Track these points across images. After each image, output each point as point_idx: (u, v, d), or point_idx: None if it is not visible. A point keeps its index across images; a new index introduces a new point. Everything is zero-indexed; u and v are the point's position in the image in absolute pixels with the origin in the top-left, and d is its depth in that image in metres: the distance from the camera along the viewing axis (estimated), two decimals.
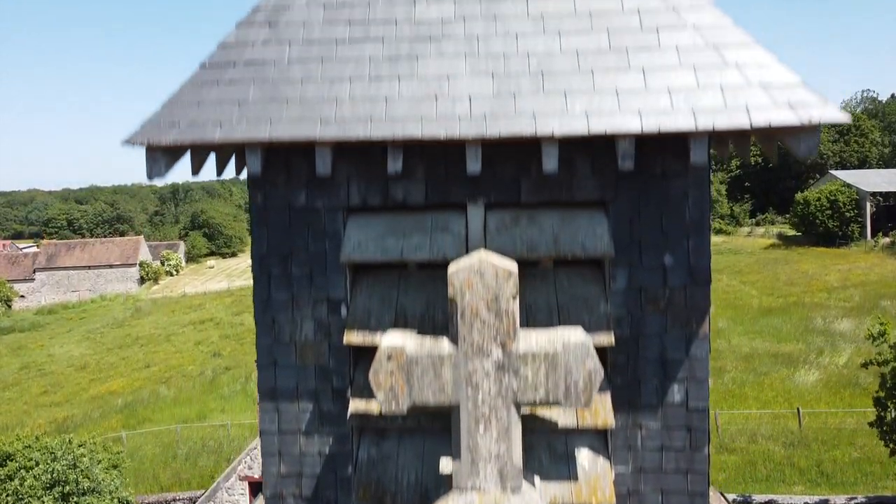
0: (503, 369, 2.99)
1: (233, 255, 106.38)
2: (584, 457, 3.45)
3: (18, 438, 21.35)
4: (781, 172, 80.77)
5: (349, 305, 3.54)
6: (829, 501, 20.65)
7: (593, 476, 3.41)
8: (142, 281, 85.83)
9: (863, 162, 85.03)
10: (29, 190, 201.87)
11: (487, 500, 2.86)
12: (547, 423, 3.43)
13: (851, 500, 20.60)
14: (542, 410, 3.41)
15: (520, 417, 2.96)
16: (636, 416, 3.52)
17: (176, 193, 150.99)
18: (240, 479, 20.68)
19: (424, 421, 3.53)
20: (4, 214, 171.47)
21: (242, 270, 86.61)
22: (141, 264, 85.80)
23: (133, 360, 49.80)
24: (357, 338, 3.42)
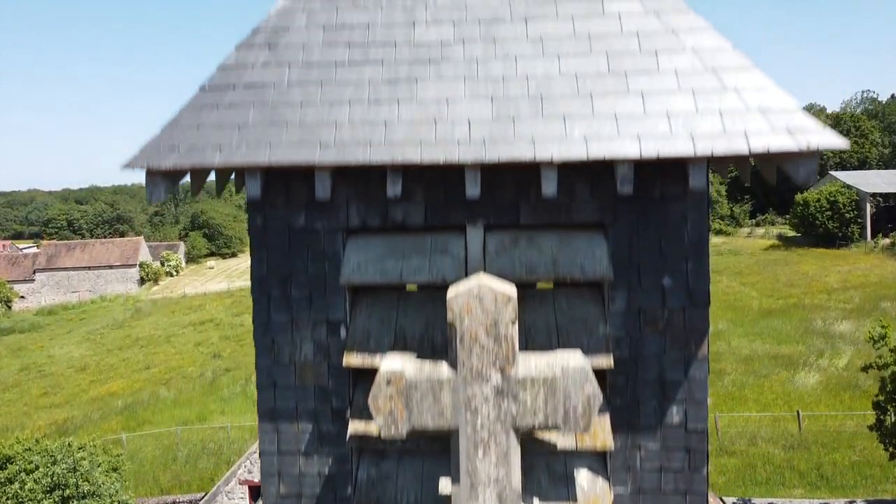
0: (502, 394, 2.99)
1: (233, 256, 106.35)
2: (584, 478, 3.46)
3: (18, 441, 21.36)
4: (781, 173, 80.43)
5: (348, 327, 3.55)
6: None
7: (592, 497, 3.42)
8: (142, 282, 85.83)
9: (863, 163, 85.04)
10: (29, 190, 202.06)
11: None
12: (546, 446, 3.44)
13: None
14: (542, 433, 3.42)
15: (519, 442, 2.97)
16: (635, 437, 3.53)
17: (176, 194, 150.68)
18: (240, 484, 20.68)
19: (424, 442, 3.53)
20: (4, 215, 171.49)
21: (242, 271, 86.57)
22: (141, 265, 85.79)
23: (133, 362, 49.80)
24: (356, 360, 3.43)
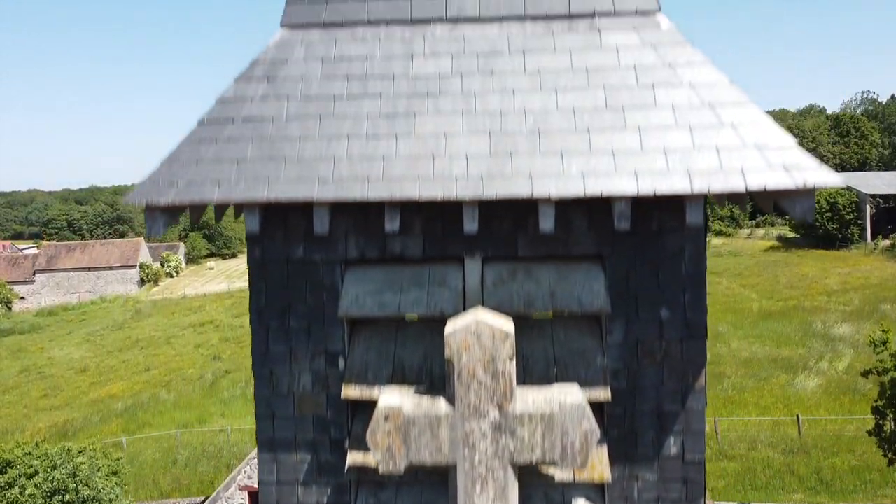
0: (500, 430, 3.01)
1: (233, 257, 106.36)
2: None
3: (18, 445, 21.39)
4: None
5: (347, 358, 3.56)
6: None
7: None
8: (142, 282, 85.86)
9: (863, 163, 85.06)
10: (29, 190, 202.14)
11: None
12: (544, 477, 3.45)
13: None
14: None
15: (516, 477, 2.99)
16: (633, 468, 3.54)
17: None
18: (239, 489, 20.69)
19: (422, 473, 3.54)
20: (4, 215, 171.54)
21: (242, 272, 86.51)
22: (141, 266, 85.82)
23: (133, 363, 49.83)
24: (355, 392, 3.44)
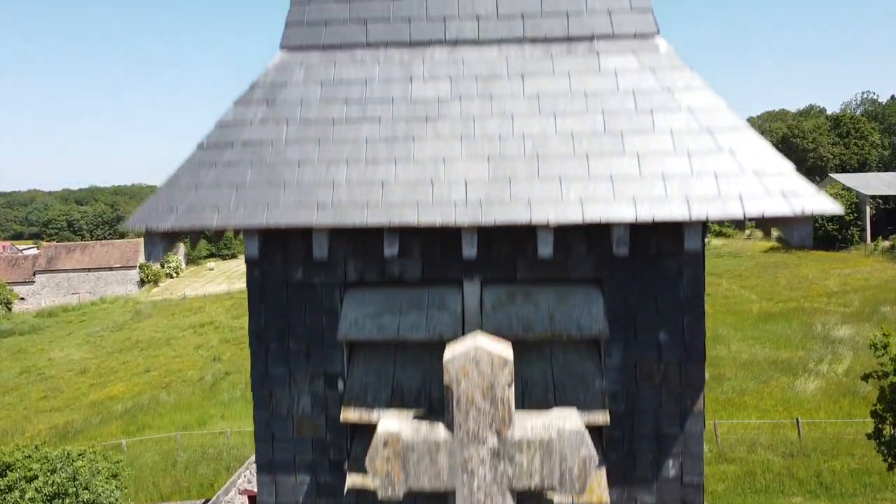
0: (498, 456, 3.02)
1: (233, 257, 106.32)
2: None
3: (18, 448, 21.40)
4: None
5: (346, 380, 3.57)
6: None
7: None
8: (142, 283, 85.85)
9: (863, 164, 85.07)
10: (29, 190, 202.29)
11: None
12: (542, 500, 3.45)
13: None
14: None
15: (515, 503, 3.00)
16: (631, 491, 3.55)
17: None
18: (239, 493, 20.70)
19: (421, 498, 3.55)
20: (4, 215, 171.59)
21: (242, 272, 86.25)
22: (141, 266, 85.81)
23: (133, 365, 49.82)
24: (354, 415, 3.45)
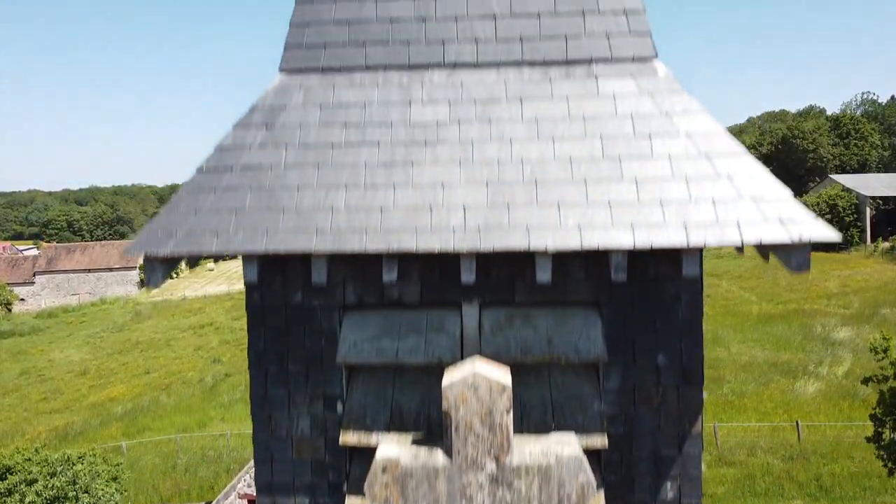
0: (497, 482, 3.03)
1: (233, 258, 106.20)
2: None
3: (18, 451, 21.42)
4: (781, 176, 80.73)
5: (345, 402, 3.57)
6: None
7: None
8: (141, 284, 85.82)
9: (863, 165, 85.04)
10: (29, 191, 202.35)
11: None
12: None
13: None
14: None
15: None
16: None
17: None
18: (239, 497, 20.72)
19: None
20: (4, 215, 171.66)
21: (242, 274, 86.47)
22: (140, 267, 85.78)
23: (133, 366, 49.82)
24: (353, 438, 3.45)
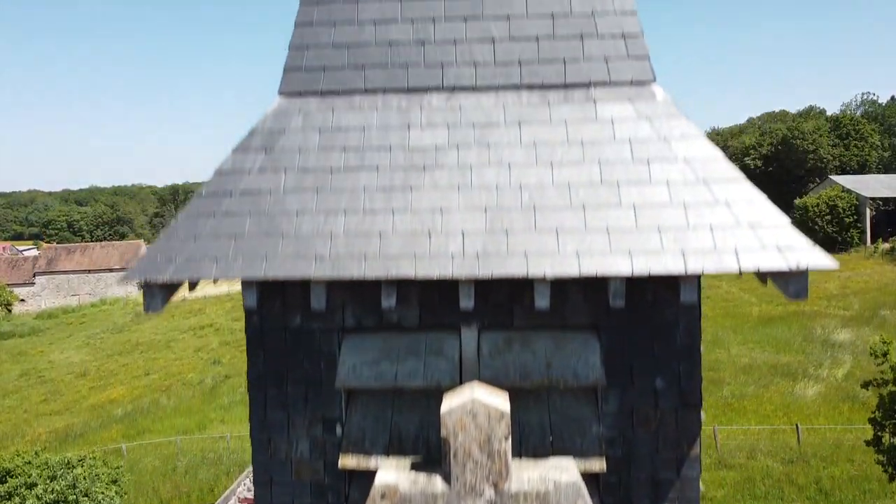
0: None
1: None
2: None
3: (18, 454, 21.42)
4: (781, 177, 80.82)
5: (344, 425, 3.58)
6: None
7: None
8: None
9: (863, 166, 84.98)
10: (29, 191, 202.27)
11: None
12: None
13: None
14: None
15: None
16: None
17: (176, 195, 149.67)
18: (239, 502, 20.71)
19: None
20: (4, 216, 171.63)
21: None
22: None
23: (133, 368, 49.82)
24: (352, 461, 3.46)
